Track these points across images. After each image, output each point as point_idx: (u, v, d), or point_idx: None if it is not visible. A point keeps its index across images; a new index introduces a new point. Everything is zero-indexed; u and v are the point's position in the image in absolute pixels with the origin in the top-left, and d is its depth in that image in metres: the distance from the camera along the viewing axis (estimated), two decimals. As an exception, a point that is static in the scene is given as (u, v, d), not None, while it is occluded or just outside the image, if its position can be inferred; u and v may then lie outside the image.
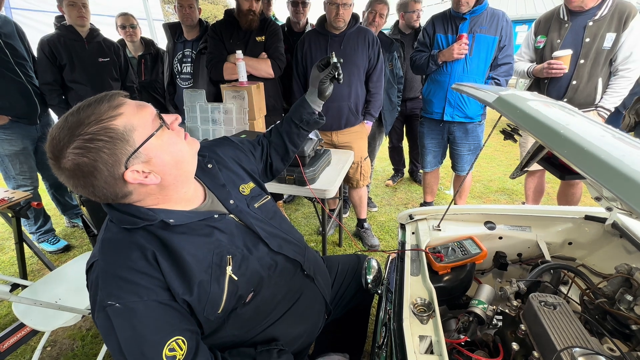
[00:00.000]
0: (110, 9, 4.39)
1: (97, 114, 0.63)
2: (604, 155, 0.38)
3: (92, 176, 0.64)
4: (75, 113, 0.64)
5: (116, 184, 0.66)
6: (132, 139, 0.65)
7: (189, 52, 2.39)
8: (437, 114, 2.27)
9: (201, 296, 0.73)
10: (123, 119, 0.65)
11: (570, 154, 0.42)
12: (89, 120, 0.62)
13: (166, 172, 0.71)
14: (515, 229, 1.27)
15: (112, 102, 0.66)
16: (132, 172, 0.66)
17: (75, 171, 0.63)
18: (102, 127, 0.63)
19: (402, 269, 1.06)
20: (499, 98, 0.71)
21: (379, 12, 2.42)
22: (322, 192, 1.64)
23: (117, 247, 0.71)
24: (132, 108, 0.67)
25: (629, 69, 1.89)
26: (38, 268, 2.31)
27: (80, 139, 0.61)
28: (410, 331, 0.82)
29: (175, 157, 0.72)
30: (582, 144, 0.41)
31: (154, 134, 0.68)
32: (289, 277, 0.94)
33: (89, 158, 0.62)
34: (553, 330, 0.78)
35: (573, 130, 0.45)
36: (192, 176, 0.80)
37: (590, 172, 0.38)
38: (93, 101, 0.65)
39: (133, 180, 0.67)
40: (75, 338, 1.76)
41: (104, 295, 0.65)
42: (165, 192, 0.74)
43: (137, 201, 0.73)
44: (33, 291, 1.47)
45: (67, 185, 0.66)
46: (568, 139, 0.44)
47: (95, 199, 0.68)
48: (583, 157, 0.40)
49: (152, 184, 0.70)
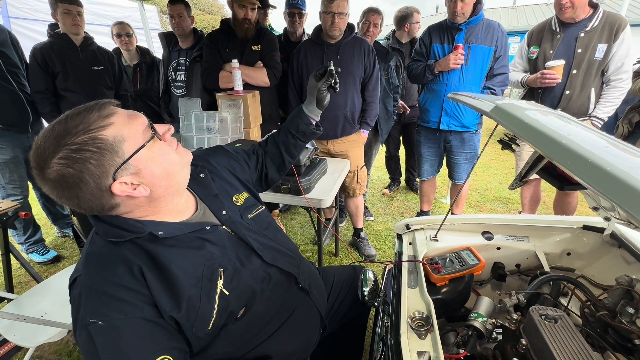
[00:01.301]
0: (106, 17, 4.41)
1: (85, 123, 0.61)
2: (610, 167, 0.36)
3: (78, 188, 0.61)
4: (62, 122, 0.61)
5: (103, 195, 0.64)
6: (121, 150, 0.63)
7: (183, 60, 2.38)
8: (433, 122, 2.27)
9: (190, 312, 0.70)
10: (113, 129, 0.63)
11: (573, 166, 0.40)
12: (77, 129, 0.60)
13: (156, 184, 0.69)
14: (514, 239, 1.25)
15: (102, 112, 0.63)
16: (120, 184, 0.64)
17: (60, 182, 0.60)
18: (91, 137, 0.60)
19: (399, 281, 1.04)
20: (497, 107, 0.70)
21: (372, 22, 2.44)
22: (317, 201, 1.62)
23: (102, 262, 0.68)
24: (122, 118, 0.65)
25: (621, 79, 1.92)
26: (26, 280, 2.25)
27: (67, 149, 0.59)
28: (409, 347, 0.80)
29: (165, 169, 0.70)
30: (586, 155, 0.39)
31: (144, 145, 0.66)
32: (283, 291, 0.91)
33: (75, 169, 0.59)
34: (555, 345, 0.76)
35: (575, 141, 0.44)
36: (183, 188, 0.78)
37: (595, 184, 0.36)
38: (82, 110, 0.63)
39: (121, 193, 0.64)
40: (62, 353, 1.70)
41: (87, 313, 0.62)
42: (155, 204, 0.72)
43: (124, 213, 0.70)
44: (18, 305, 1.42)
45: (52, 196, 0.64)
46: (571, 149, 0.42)
47: (81, 211, 0.66)
48: (587, 169, 0.38)
49: (141, 197, 0.68)
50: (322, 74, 1.09)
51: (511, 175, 3.98)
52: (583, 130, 0.57)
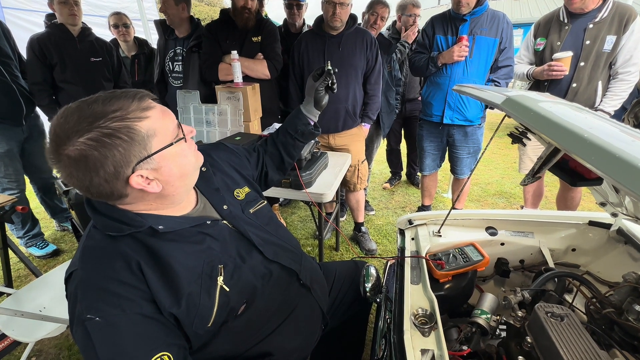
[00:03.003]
0: (103, 8, 4.34)
1: (123, 110, 0.61)
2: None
3: (95, 171, 0.59)
4: (100, 103, 0.60)
5: (117, 184, 0.62)
6: (149, 145, 0.63)
7: (180, 50, 2.32)
8: (436, 116, 2.24)
9: (190, 309, 0.68)
10: (148, 123, 0.63)
11: (599, 162, 0.38)
12: (114, 114, 0.59)
13: (169, 183, 0.68)
14: (518, 235, 1.23)
15: (141, 103, 0.64)
16: (138, 177, 0.63)
17: (79, 162, 0.58)
18: (126, 125, 0.60)
19: (402, 277, 1.02)
20: (509, 99, 0.67)
21: (380, 14, 2.36)
22: (318, 195, 1.60)
23: (99, 256, 0.66)
24: (158, 113, 0.66)
25: (629, 72, 1.88)
26: (25, 274, 2.24)
27: (99, 131, 0.58)
28: (412, 344, 0.79)
29: (182, 170, 0.70)
30: (613, 150, 0.37)
31: (172, 144, 0.66)
32: (284, 287, 0.90)
33: (100, 152, 0.58)
34: (561, 343, 0.74)
35: (598, 135, 0.41)
36: (191, 188, 0.78)
37: (626, 182, 0.34)
38: (121, 95, 0.62)
39: (136, 185, 0.63)
40: (61, 347, 1.70)
41: (83, 308, 0.61)
42: (161, 200, 0.71)
43: (128, 204, 0.68)
44: (16, 299, 1.40)
45: (59, 173, 0.61)
46: (595, 144, 0.39)
47: (85, 194, 0.64)
48: (616, 165, 0.35)
49: (152, 192, 0.66)
50: (319, 74, 1.10)
51: (513, 169, 3.95)
52: (605, 123, 0.54)
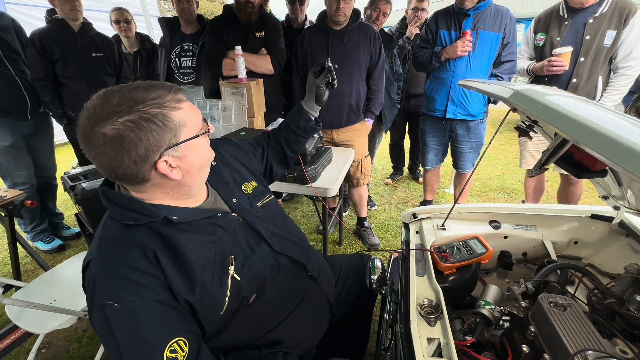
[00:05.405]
0: (105, 3, 4.32)
1: (161, 99, 0.65)
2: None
3: (127, 152, 0.62)
4: (140, 90, 0.64)
5: (144, 167, 0.65)
6: (179, 133, 0.67)
7: (189, 47, 2.33)
8: (439, 111, 2.25)
9: (204, 296, 0.71)
10: (180, 113, 0.67)
11: (608, 151, 0.39)
12: (152, 101, 0.64)
13: (189, 172, 0.71)
14: (521, 228, 1.25)
15: (176, 95, 0.68)
16: (164, 162, 0.66)
17: (114, 141, 0.61)
18: (162, 112, 0.64)
19: (407, 269, 1.04)
20: (517, 92, 0.68)
21: (383, 10, 2.36)
22: (323, 190, 1.62)
23: (116, 245, 0.68)
24: (189, 106, 0.71)
25: (630, 67, 1.88)
26: (32, 268, 2.26)
27: (138, 114, 0.62)
28: (418, 333, 0.81)
29: (201, 162, 0.74)
30: (621, 140, 0.39)
31: (198, 136, 0.71)
32: (292, 279, 0.92)
33: (136, 134, 0.62)
34: (565, 332, 0.76)
35: (606, 126, 0.43)
36: (204, 182, 0.81)
37: (635, 170, 0.36)
38: (158, 86, 0.67)
39: (162, 170, 0.67)
40: (71, 340, 1.73)
41: (102, 295, 0.63)
42: (178, 189, 0.73)
43: (144, 192, 0.71)
44: (27, 292, 1.43)
45: (88, 150, 0.64)
46: (603, 134, 0.41)
47: (110, 174, 0.66)
48: (625, 154, 0.37)
49: (173, 179, 0.69)
50: (320, 70, 1.12)
51: (514, 164, 3.96)
52: (611, 114, 0.55)
